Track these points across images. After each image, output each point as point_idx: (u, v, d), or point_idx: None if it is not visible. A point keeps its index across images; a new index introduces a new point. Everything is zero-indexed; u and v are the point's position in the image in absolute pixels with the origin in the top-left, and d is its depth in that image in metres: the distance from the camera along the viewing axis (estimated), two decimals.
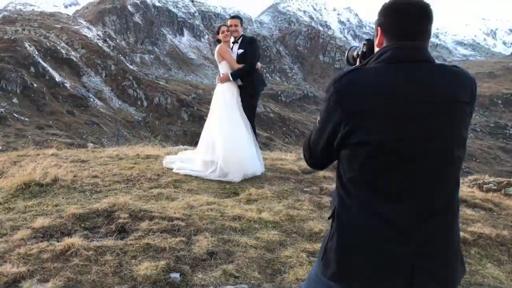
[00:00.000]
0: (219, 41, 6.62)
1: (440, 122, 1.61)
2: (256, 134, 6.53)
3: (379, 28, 1.75)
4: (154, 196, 5.03)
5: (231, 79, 6.35)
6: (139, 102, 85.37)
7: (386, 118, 1.58)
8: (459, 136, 1.66)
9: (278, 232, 4.21)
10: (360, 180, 1.64)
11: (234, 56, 6.49)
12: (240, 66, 6.40)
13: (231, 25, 6.57)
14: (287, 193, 5.53)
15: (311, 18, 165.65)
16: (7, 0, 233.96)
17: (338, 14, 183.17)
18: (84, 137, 64.16)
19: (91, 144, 53.02)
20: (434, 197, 1.63)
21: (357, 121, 1.60)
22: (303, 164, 7.06)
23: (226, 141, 6.03)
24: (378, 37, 1.76)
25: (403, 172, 1.60)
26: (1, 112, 65.00)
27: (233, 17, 6.75)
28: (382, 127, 1.58)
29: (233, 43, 6.63)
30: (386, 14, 1.73)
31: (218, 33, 6.65)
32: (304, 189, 5.77)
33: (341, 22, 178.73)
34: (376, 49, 1.77)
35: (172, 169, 6.21)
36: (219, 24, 6.96)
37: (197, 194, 5.21)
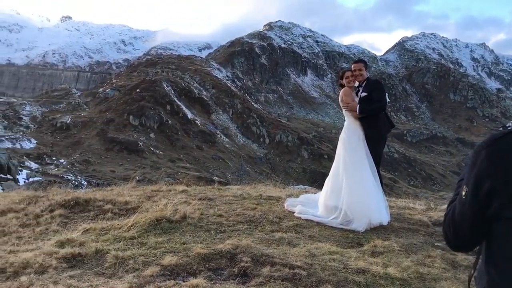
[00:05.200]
0: (342, 85, 6.53)
1: None
2: (381, 181, 6.22)
3: None
4: (275, 240, 5.00)
5: (357, 111, 6.18)
6: (261, 139, 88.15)
7: None
8: None
9: None
10: None
11: (357, 100, 6.33)
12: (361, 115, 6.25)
13: (354, 70, 6.42)
14: (416, 247, 5.11)
15: (441, 55, 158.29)
16: (150, 44, 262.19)
17: (471, 50, 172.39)
18: (211, 171, 67.73)
19: (216, 178, 55.71)
20: None
21: None
22: (434, 214, 6.54)
23: (351, 186, 5.83)
24: None
25: None
26: (140, 145, 71.67)
27: (357, 62, 6.61)
28: None
29: (358, 87, 6.48)
30: None
31: (341, 78, 6.56)
32: (435, 244, 5.29)
33: (474, 59, 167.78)
34: None
35: (293, 212, 6.15)
36: (343, 69, 6.86)
37: (319, 242, 5.06)
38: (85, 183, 49.37)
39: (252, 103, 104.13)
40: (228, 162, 74.12)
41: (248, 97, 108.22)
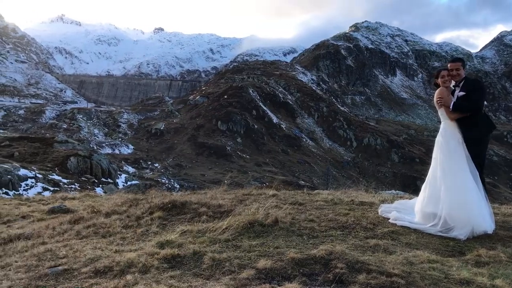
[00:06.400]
0: (437, 85, 6.17)
1: None
2: (485, 186, 5.80)
3: None
4: (370, 247, 4.86)
5: (450, 107, 5.81)
6: (348, 143, 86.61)
7: None
8: None
9: None
10: None
11: (454, 100, 5.94)
12: (456, 115, 5.84)
13: (451, 69, 6.02)
14: None
15: None
16: (237, 52, 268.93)
17: None
18: (296, 175, 67.79)
19: (302, 182, 55.59)
20: None
21: None
22: None
23: (451, 192, 5.50)
24: None
25: None
26: (228, 150, 73.65)
27: (454, 60, 6.19)
28: None
29: (454, 86, 6.09)
30: None
31: (437, 77, 6.19)
32: None
33: None
34: None
35: (388, 218, 5.95)
36: (439, 68, 6.48)
37: (417, 249, 4.84)
38: (178, 186, 51.71)
39: (338, 106, 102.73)
40: (314, 166, 73.71)
41: (334, 99, 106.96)
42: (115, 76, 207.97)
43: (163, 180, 54.25)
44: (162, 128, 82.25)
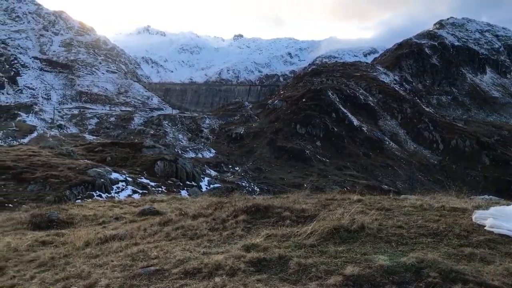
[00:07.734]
0: None
1: None
2: None
3: None
4: (465, 255, 4.58)
5: None
6: (434, 145, 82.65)
7: None
8: None
9: None
10: None
11: None
12: None
13: None
14: None
15: None
16: (315, 54, 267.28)
17: None
18: (379, 179, 65.81)
19: (385, 186, 53.82)
20: None
21: None
22: None
23: None
24: None
25: None
26: (307, 153, 73.24)
27: None
28: None
29: None
30: None
31: None
32: None
33: None
34: None
35: (483, 226, 5.57)
36: None
37: None
38: (258, 189, 52.27)
39: (423, 107, 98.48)
40: (397, 170, 71.13)
41: (418, 100, 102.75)
42: (198, 83, 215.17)
43: (243, 184, 55.14)
44: (242, 132, 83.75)
